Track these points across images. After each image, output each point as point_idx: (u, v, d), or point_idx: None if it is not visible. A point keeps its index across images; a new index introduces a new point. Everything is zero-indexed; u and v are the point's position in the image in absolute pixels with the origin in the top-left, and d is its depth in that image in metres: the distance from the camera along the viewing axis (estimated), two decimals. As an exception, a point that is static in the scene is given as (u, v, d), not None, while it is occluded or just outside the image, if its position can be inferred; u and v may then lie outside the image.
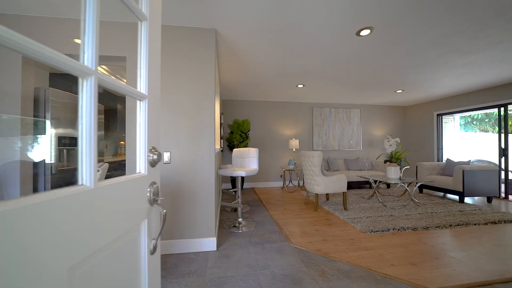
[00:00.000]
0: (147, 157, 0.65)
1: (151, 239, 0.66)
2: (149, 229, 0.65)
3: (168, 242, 2.02)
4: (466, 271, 1.73)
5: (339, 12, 1.92)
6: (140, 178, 0.61)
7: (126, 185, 0.55)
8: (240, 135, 5.00)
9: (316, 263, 1.84)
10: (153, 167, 0.68)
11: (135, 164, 0.78)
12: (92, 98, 0.43)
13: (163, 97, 2.05)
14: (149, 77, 0.66)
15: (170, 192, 2.05)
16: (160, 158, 0.69)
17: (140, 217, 0.61)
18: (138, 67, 0.64)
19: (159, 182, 0.72)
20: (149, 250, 0.65)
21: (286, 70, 3.34)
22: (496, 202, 3.89)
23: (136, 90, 0.60)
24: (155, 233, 0.69)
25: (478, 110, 4.75)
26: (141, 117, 0.64)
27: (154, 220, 0.68)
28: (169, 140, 2.06)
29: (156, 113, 0.71)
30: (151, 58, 0.67)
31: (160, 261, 0.74)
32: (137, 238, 0.61)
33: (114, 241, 0.50)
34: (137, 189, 0.60)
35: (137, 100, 0.64)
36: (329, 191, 3.28)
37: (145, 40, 0.64)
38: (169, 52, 2.06)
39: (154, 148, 0.68)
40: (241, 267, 1.79)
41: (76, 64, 0.39)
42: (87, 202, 0.41)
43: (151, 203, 0.65)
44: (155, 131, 0.70)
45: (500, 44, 2.48)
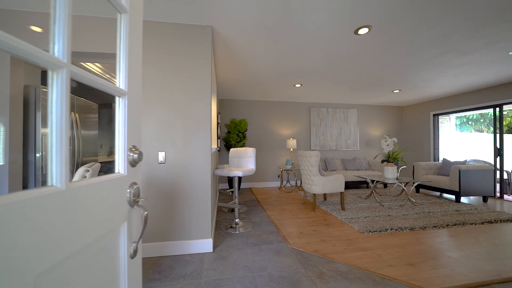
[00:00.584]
0: (127, 157, 0.62)
1: (131, 243, 0.63)
2: (129, 231, 0.62)
3: (163, 244, 1.98)
4: (464, 271, 1.72)
5: (337, 10, 1.89)
6: (119, 178, 0.58)
7: (103, 186, 0.51)
8: (237, 135, 4.96)
9: (314, 264, 1.82)
10: (133, 167, 0.65)
11: None
12: (64, 93, 0.40)
13: (157, 96, 2.00)
14: (129, 72, 0.63)
15: (165, 193, 2.01)
16: (141, 157, 0.66)
17: (119, 220, 0.58)
18: (117, 62, 0.61)
19: (140, 182, 0.69)
20: (129, 254, 0.62)
21: (284, 69, 3.32)
22: (491, 202, 3.92)
23: (114, 86, 0.57)
24: (136, 236, 0.66)
25: (473, 110, 4.79)
26: (120, 114, 0.61)
27: (135, 222, 0.66)
28: (164, 139, 2.01)
29: (137, 110, 0.68)
30: (131, 52, 0.64)
31: (141, 265, 0.71)
32: (115, 241, 0.58)
33: (89, 246, 0.46)
34: (116, 190, 0.57)
35: (116, 96, 0.61)
36: (326, 191, 3.26)
37: (124, 34, 0.61)
38: (163, 49, 2.02)
39: (135, 147, 0.65)
40: (238, 269, 1.76)
41: (44, 55, 0.35)
42: (58, 205, 0.38)
43: (131, 205, 0.62)
44: (135, 129, 0.67)
45: (497, 44, 2.48)
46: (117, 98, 0.61)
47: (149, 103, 1.99)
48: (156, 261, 1.88)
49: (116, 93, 0.59)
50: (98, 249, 0.50)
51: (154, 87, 2.00)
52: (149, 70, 1.99)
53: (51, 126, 0.39)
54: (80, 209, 0.44)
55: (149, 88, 1.99)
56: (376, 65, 3.18)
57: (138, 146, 0.67)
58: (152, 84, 1.99)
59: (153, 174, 1.98)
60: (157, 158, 1.99)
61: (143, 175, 1.96)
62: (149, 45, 1.99)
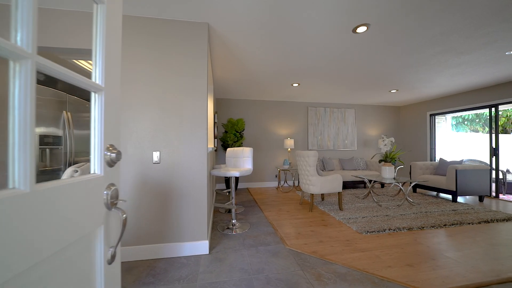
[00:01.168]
0: (104, 156, 0.58)
1: (108, 247, 0.59)
2: (106, 236, 0.58)
3: (158, 246, 1.93)
4: (463, 272, 1.70)
5: (336, 7, 1.86)
6: (95, 179, 0.55)
7: (76, 188, 0.47)
8: (235, 135, 4.92)
9: (312, 266, 1.79)
10: (111, 167, 0.61)
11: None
12: (28, 86, 0.36)
13: (151, 94, 1.95)
14: (106, 67, 0.59)
15: (160, 193, 1.95)
16: (119, 157, 0.62)
17: (95, 223, 0.54)
18: (94, 56, 0.57)
19: (118, 183, 0.65)
20: (106, 259, 0.58)
21: (281, 67, 3.28)
22: (487, 201, 3.94)
23: (89, 81, 0.53)
24: (114, 240, 0.62)
25: (470, 110, 4.82)
26: (96, 111, 0.57)
27: (113, 226, 0.62)
28: (159, 139, 1.96)
29: (115, 107, 0.64)
30: (109, 46, 0.60)
31: (120, 271, 0.67)
32: (91, 247, 0.54)
33: (59, 253, 0.42)
34: (91, 192, 0.53)
35: (92, 92, 0.57)
36: (324, 191, 3.24)
37: (101, 25, 0.57)
38: (157, 47, 1.96)
39: (113, 146, 0.61)
40: (234, 271, 1.72)
41: (3, 43, 0.31)
42: (20, 209, 0.34)
43: (108, 207, 0.59)
44: (113, 127, 0.63)
45: (495, 43, 2.48)
46: (93, 94, 0.57)
47: (143, 102, 1.93)
48: (151, 264, 1.83)
49: (91, 89, 0.55)
50: (70, 256, 0.46)
51: (148, 85, 1.94)
52: (142, 69, 1.94)
53: (13, 123, 0.34)
54: (48, 213, 0.39)
55: (142, 86, 1.93)
56: (374, 65, 3.16)
57: (116, 145, 0.63)
58: (146, 82, 1.94)
59: (147, 174, 1.93)
60: (151, 158, 1.94)
61: (137, 176, 1.91)
62: (142, 42, 1.94)
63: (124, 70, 1.90)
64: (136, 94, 1.92)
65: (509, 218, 2.91)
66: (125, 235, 1.89)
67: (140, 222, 1.91)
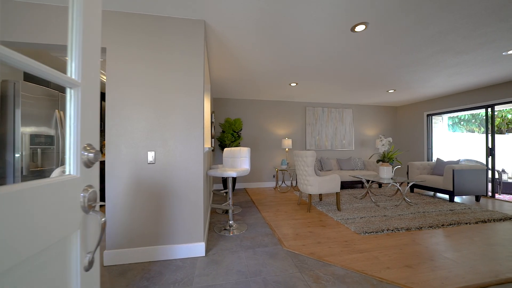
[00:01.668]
0: (80, 156, 0.54)
1: (86, 253, 0.56)
2: (83, 241, 0.55)
3: (153, 248, 1.88)
4: (462, 273, 1.69)
5: (335, 5, 1.84)
6: (70, 181, 0.51)
7: (47, 190, 0.44)
8: (232, 134, 4.88)
9: (310, 268, 1.76)
10: (89, 168, 0.57)
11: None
12: None
13: (146, 93, 1.90)
14: (84, 61, 0.55)
15: (155, 195, 1.91)
16: (97, 157, 0.58)
17: (70, 228, 0.50)
18: (69, 49, 0.53)
19: (97, 185, 0.61)
20: (83, 266, 0.54)
21: (279, 66, 3.25)
22: (483, 201, 3.96)
23: (62, 75, 0.49)
24: (92, 245, 0.59)
25: (466, 111, 4.85)
26: (72, 108, 0.53)
27: (90, 230, 0.58)
28: (154, 138, 1.91)
29: (94, 103, 0.60)
30: (87, 36, 0.56)
31: (99, 279, 0.63)
32: (65, 253, 0.50)
33: (26, 262, 0.39)
34: (66, 194, 0.49)
35: (67, 88, 0.53)
36: (322, 191, 3.22)
37: (78, 16, 0.53)
38: (152, 45, 1.92)
39: (90, 145, 0.57)
40: (231, 274, 1.68)
41: None
42: None
43: (86, 211, 0.55)
44: (92, 125, 0.59)
45: (492, 43, 2.48)
46: (68, 89, 0.53)
47: (137, 101, 1.89)
48: (145, 267, 1.78)
49: (66, 84, 0.51)
50: (40, 265, 0.42)
51: (143, 84, 1.90)
52: (136, 67, 1.89)
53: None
54: (12, 219, 0.36)
55: (137, 85, 1.89)
56: (372, 64, 3.15)
57: (94, 144, 0.59)
58: (140, 81, 1.89)
59: (142, 175, 1.88)
60: (146, 158, 1.89)
61: (131, 176, 1.86)
62: (136, 40, 1.89)
63: (117, 68, 1.85)
64: (130, 92, 1.87)
65: (506, 218, 2.92)
66: (119, 237, 1.84)
67: (134, 223, 1.87)
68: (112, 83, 1.84)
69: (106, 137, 1.83)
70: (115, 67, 1.85)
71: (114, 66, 1.85)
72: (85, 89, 0.56)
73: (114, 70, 1.85)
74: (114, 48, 1.85)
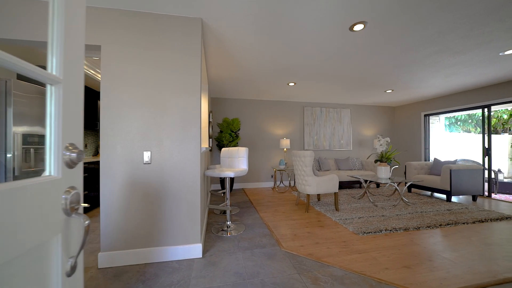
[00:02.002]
0: (62, 156, 0.52)
1: (68, 258, 0.53)
2: (65, 245, 0.52)
3: (148, 250, 1.85)
4: (460, 273, 1.69)
5: (333, 4, 1.82)
6: (50, 182, 0.48)
7: (23, 193, 0.41)
8: (230, 134, 4.85)
9: (308, 269, 1.74)
10: (71, 169, 0.55)
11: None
12: None
13: (141, 92, 1.87)
14: (66, 56, 0.52)
15: (150, 195, 1.88)
16: (80, 157, 0.56)
17: (50, 232, 0.48)
18: (49, 43, 0.50)
19: (81, 186, 0.59)
20: (65, 271, 0.52)
21: (277, 66, 3.24)
22: (480, 201, 3.98)
23: (42, 71, 0.46)
24: (75, 249, 0.56)
25: (463, 111, 4.88)
26: (53, 106, 0.51)
27: (73, 234, 0.56)
28: (150, 138, 1.88)
29: (77, 101, 0.58)
30: (69, 33, 0.53)
31: (82, 284, 0.60)
32: (45, 259, 0.48)
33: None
34: (45, 196, 0.47)
35: (48, 84, 0.50)
36: (320, 191, 3.21)
37: (60, 6, 0.50)
38: (149, 42, 1.88)
39: (73, 145, 0.55)
40: (229, 276, 1.66)
41: None
42: None
43: (68, 213, 0.52)
44: (75, 123, 0.57)
45: (489, 43, 2.49)
46: (49, 86, 0.51)
47: (132, 100, 1.85)
48: (140, 269, 1.75)
49: (47, 81, 0.49)
50: (16, 271, 0.40)
51: (138, 82, 1.86)
52: (132, 65, 1.85)
53: None
54: None
55: (132, 84, 1.85)
56: (370, 64, 3.15)
57: (78, 144, 0.57)
58: (136, 79, 1.86)
59: (137, 175, 1.85)
60: (142, 158, 1.86)
61: (126, 177, 1.83)
62: (131, 38, 1.85)
63: (112, 66, 1.82)
64: (125, 91, 1.84)
65: (502, 218, 2.93)
66: (113, 239, 1.80)
67: (129, 225, 1.83)
68: (107, 81, 1.81)
69: (101, 137, 1.80)
70: (110, 66, 1.81)
71: (109, 64, 1.81)
72: (68, 86, 0.53)
73: (109, 69, 1.81)
74: (109, 46, 1.81)
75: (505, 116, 7.35)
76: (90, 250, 2.10)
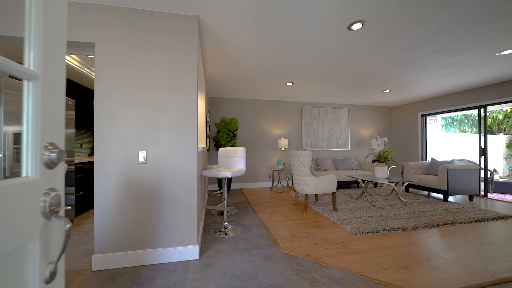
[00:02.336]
0: (41, 156, 0.49)
1: (47, 263, 0.50)
2: (43, 250, 0.49)
3: (144, 252, 1.81)
4: (459, 273, 1.68)
5: (332, 2, 1.80)
6: (27, 184, 0.45)
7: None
8: (228, 134, 4.82)
9: (307, 270, 1.72)
10: (51, 169, 0.52)
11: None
12: None
13: (138, 90, 1.83)
14: (45, 50, 0.49)
15: (146, 196, 1.84)
16: (61, 157, 0.53)
17: (27, 237, 0.45)
18: (26, 36, 0.46)
19: (62, 188, 0.56)
20: (44, 278, 0.49)
21: (275, 65, 3.21)
22: (476, 200, 4.01)
23: (18, 66, 0.43)
24: (55, 254, 0.53)
25: (460, 111, 4.91)
26: (30, 103, 0.48)
27: (53, 238, 0.53)
28: (145, 138, 1.84)
29: (58, 98, 0.54)
30: (49, 24, 0.49)
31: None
32: (21, 265, 0.45)
33: None
34: (21, 199, 0.44)
35: (24, 80, 0.47)
36: (318, 191, 3.19)
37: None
38: (144, 40, 1.85)
39: (53, 144, 0.52)
40: (226, 278, 1.63)
41: None
42: None
43: (47, 217, 0.49)
44: (55, 121, 0.54)
45: (486, 43, 2.50)
46: (26, 82, 0.48)
47: (127, 98, 1.81)
48: (135, 272, 1.71)
49: (23, 76, 0.46)
50: None
51: (133, 81, 1.82)
52: (126, 63, 1.81)
53: None
54: None
55: (127, 82, 1.81)
56: (368, 63, 3.14)
57: (58, 143, 0.54)
58: (131, 78, 1.82)
59: (132, 175, 1.81)
60: (137, 158, 1.82)
61: (121, 177, 1.79)
62: (127, 36, 1.82)
63: (107, 64, 1.78)
64: (120, 90, 1.80)
65: (499, 217, 2.95)
66: (108, 240, 1.76)
67: (124, 226, 1.79)
68: (101, 79, 1.77)
69: (95, 136, 1.76)
70: (104, 63, 1.77)
71: (104, 62, 1.77)
72: (47, 82, 0.50)
73: (103, 66, 1.77)
74: (103, 44, 1.77)
75: (500, 116, 7.43)
76: (84, 252, 2.05)
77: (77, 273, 1.70)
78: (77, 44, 1.80)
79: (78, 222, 2.87)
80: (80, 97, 3.57)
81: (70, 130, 2.77)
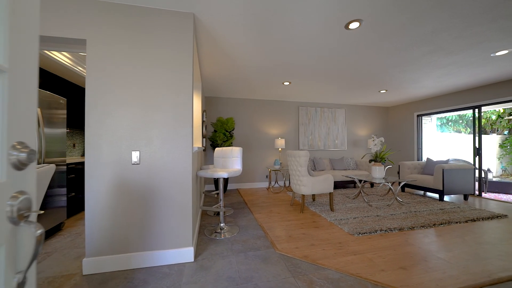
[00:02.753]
0: (8, 156, 0.45)
1: (14, 273, 0.46)
2: (10, 259, 0.45)
3: (137, 255, 1.76)
4: (456, 273, 1.67)
5: (329, 1, 1.78)
6: None
7: None
8: (224, 134, 4.77)
9: (304, 272, 1.69)
10: (20, 171, 0.48)
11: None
12: None
13: (131, 89, 1.78)
14: (12, 41, 0.45)
15: (139, 197, 1.79)
16: (32, 157, 0.49)
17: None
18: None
19: (33, 191, 0.52)
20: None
21: (272, 64, 3.19)
22: (471, 200, 4.05)
23: None
24: (24, 263, 0.49)
25: (455, 111, 4.95)
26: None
27: (22, 245, 0.49)
28: (139, 137, 1.79)
29: (28, 94, 0.50)
30: (18, 11, 0.46)
31: None
32: None
33: None
34: None
35: None
36: (316, 191, 3.18)
37: None
38: (138, 37, 1.80)
39: (22, 144, 0.48)
40: (221, 280, 1.59)
41: None
42: None
43: (14, 222, 0.46)
44: (25, 119, 0.50)
45: (482, 44, 2.51)
46: None
47: (120, 97, 1.76)
48: (128, 275, 1.66)
49: None
50: None
51: (127, 79, 1.77)
52: (120, 61, 1.76)
53: None
54: None
55: (120, 80, 1.76)
56: (365, 63, 3.14)
57: (29, 143, 0.50)
58: (124, 76, 1.77)
59: (125, 176, 1.76)
60: (130, 159, 1.77)
61: (113, 178, 1.74)
62: (119, 33, 1.76)
63: (99, 62, 1.72)
64: (112, 88, 1.75)
65: (493, 216, 2.97)
66: (99, 243, 1.71)
67: (116, 228, 1.74)
68: (93, 77, 1.71)
69: (86, 136, 1.70)
70: (96, 61, 1.72)
71: (95, 59, 1.72)
72: (15, 76, 0.46)
73: (94, 64, 1.72)
74: (95, 41, 1.72)
75: (494, 117, 7.54)
76: (75, 255, 1.99)
77: (67, 278, 1.64)
78: (67, 41, 1.74)
79: (70, 224, 2.80)
80: (72, 96, 3.48)
81: (61, 130, 2.70)
